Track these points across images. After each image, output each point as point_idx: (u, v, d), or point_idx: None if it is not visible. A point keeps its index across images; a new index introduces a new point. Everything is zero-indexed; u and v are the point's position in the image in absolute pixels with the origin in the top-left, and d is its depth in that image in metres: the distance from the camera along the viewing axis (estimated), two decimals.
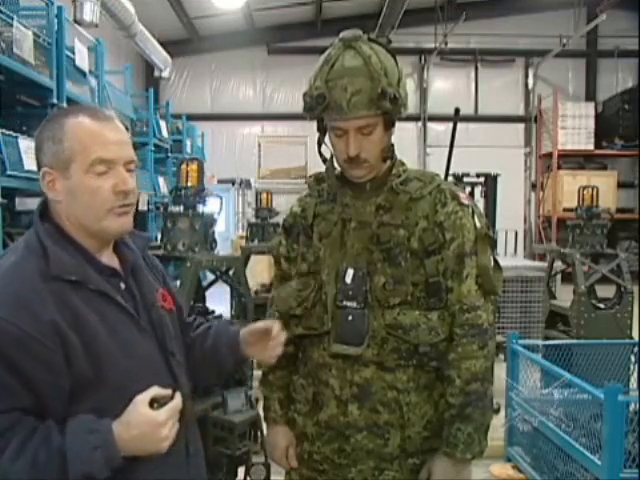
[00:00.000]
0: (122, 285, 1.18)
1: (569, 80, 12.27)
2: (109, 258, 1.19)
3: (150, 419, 1.04)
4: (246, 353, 1.36)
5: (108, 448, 1.01)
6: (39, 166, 1.13)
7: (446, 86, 12.24)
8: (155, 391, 1.07)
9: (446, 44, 10.84)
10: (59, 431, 1.02)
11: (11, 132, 3.79)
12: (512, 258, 7.63)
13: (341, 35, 1.40)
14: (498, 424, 3.13)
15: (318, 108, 1.38)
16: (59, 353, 1.03)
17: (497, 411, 3.33)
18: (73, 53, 4.85)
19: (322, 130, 1.48)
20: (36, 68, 4.10)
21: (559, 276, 4.91)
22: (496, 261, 1.51)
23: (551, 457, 2.59)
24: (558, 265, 4.68)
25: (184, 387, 1.22)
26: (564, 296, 4.50)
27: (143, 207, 6.80)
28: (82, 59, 5.00)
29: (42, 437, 1.01)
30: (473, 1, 11.24)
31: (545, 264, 5.22)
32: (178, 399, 1.09)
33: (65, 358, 1.03)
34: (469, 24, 10.61)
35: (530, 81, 12.15)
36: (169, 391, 1.09)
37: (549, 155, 11.34)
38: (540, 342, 3.78)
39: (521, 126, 12.31)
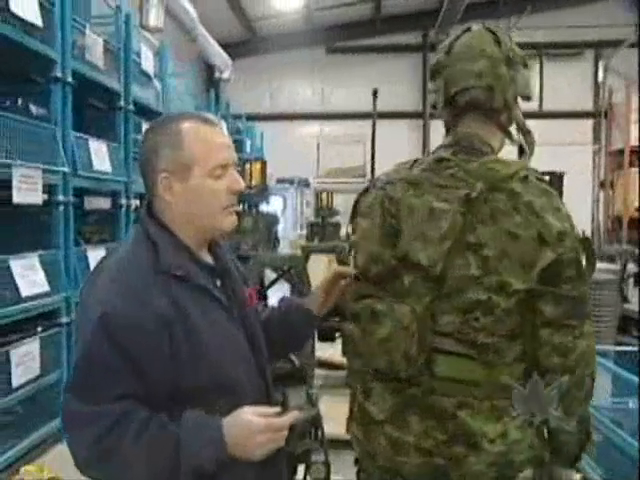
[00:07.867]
0: (218, 282, 1.24)
1: None
2: (206, 256, 1.25)
3: (248, 423, 1.09)
4: (318, 311, 1.42)
5: (218, 445, 1.07)
6: (152, 170, 1.17)
7: None
8: (264, 410, 1.12)
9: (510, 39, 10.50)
10: (174, 425, 1.06)
11: (81, 134, 3.94)
12: None
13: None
14: None
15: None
16: (166, 344, 1.08)
17: None
18: (139, 57, 4.98)
19: None
20: (105, 73, 4.25)
21: (631, 279, 4.67)
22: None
23: (626, 470, 2.45)
24: (630, 267, 4.46)
25: (269, 384, 1.28)
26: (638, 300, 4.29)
27: None
28: (147, 63, 5.13)
29: (157, 427, 1.06)
30: None
31: (614, 266, 4.98)
32: (285, 419, 1.12)
33: (170, 349, 1.08)
34: (534, 17, 10.24)
35: (600, 74, 11.59)
36: (277, 409, 1.14)
37: (620, 152, 10.76)
38: (611, 347, 3.61)
39: (589, 122, 11.76)
